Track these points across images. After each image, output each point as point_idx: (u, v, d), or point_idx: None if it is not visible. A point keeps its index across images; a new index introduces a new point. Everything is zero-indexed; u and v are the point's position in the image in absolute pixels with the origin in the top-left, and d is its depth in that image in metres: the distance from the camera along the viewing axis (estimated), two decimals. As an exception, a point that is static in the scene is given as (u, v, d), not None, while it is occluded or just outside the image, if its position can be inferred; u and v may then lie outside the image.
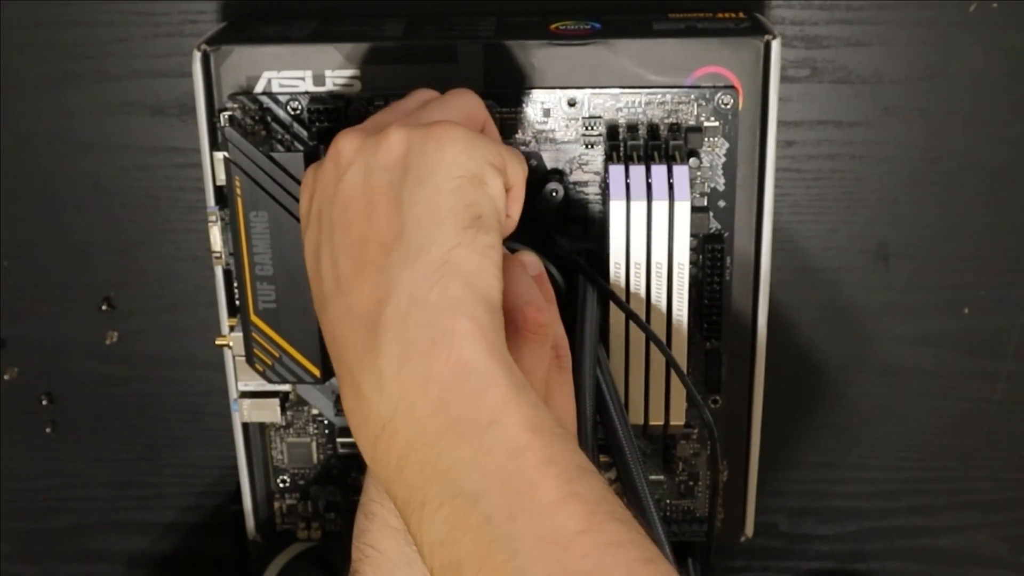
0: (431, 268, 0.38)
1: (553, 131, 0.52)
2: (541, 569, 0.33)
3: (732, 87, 0.51)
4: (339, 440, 0.57)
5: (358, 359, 0.38)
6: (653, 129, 0.52)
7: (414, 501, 0.36)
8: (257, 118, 0.51)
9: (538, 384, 0.43)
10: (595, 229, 0.53)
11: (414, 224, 0.38)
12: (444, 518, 0.35)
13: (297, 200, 0.48)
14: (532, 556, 0.34)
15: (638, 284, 0.51)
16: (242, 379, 0.54)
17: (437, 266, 0.38)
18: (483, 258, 0.38)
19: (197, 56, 0.51)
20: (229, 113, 0.51)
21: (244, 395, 0.55)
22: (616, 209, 0.50)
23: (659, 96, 0.51)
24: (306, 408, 0.57)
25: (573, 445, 0.37)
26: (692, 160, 0.51)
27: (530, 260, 0.46)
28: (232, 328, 0.53)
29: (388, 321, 0.37)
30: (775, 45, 0.50)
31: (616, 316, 0.51)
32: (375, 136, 0.41)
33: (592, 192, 0.53)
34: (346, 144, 0.41)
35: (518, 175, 0.42)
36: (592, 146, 0.52)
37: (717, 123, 0.51)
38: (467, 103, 0.45)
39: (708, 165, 0.52)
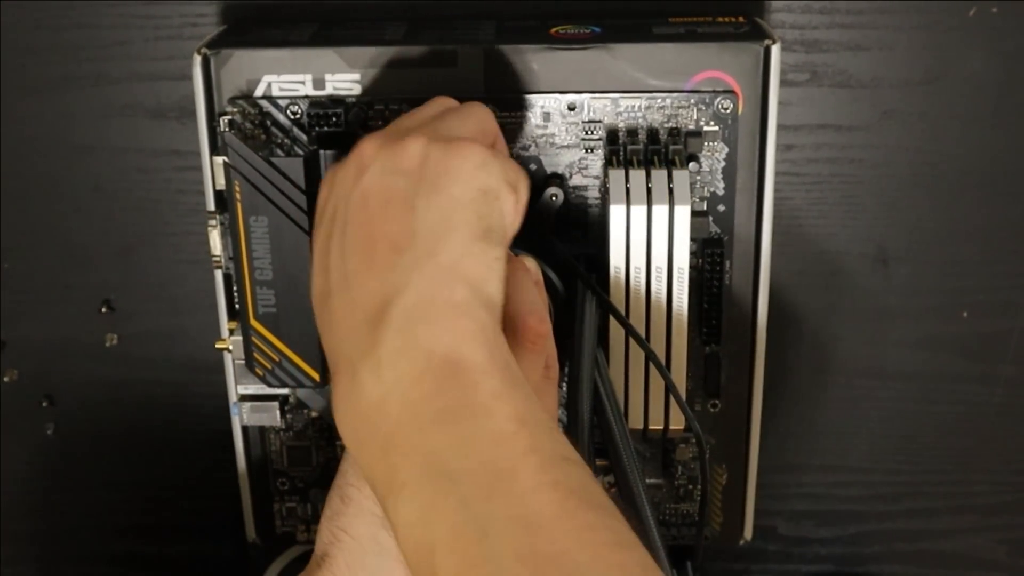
0: (440, 272, 0.39)
1: (553, 135, 0.52)
2: (511, 550, 0.34)
3: (732, 91, 0.51)
4: (338, 443, 0.57)
5: (357, 348, 0.40)
6: (653, 133, 0.52)
7: (395, 482, 0.37)
8: (257, 122, 0.51)
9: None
10: (595, 233, 0.53)
11: (427, 230, 0.40)
12: (422, 499, 0.36)
13: (297, 205, 0.48)
14: (503, 538, 0.35)
15: (638, 288, 0.51)
16: (242, 382, 0.54)
17: (446, 271, 0.39)
18: (489, 270, 0.40)
19: (197, 59, 0.51)
20: (229, 117, 0.51)
21: (244, 398, 0.55)
22: (616, 213, 0.50)
23: (659, 100, 0.51)
24: (305, 411, 0.57)
25: (560, 438, 0.38)
26: (692, 164, 0.51)
27: (530, 267, 0.47)
28: (232, 332, 0.53)
29: (393, 315, 0.39)
30: (775, 49, 0.50)
31: (616, 320, 0.51)
32: (396, 141, 0.42)
33: (592, 196, 0.53)
34: (368, 146, 0.42)
35: (526, 192, 0.44)
36: (592, 150, 0.52)
37: (717, 127, 0.51)
38: (483, 118, 0.46)
39: (708, 169, 0.52)
